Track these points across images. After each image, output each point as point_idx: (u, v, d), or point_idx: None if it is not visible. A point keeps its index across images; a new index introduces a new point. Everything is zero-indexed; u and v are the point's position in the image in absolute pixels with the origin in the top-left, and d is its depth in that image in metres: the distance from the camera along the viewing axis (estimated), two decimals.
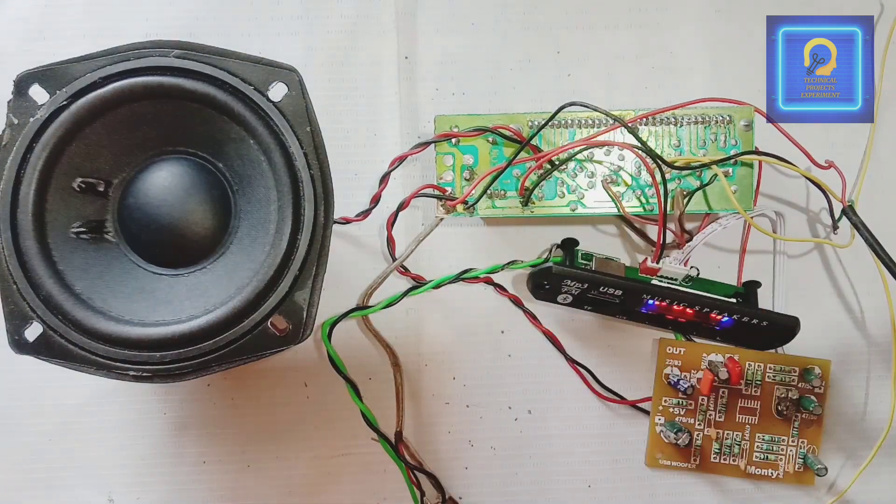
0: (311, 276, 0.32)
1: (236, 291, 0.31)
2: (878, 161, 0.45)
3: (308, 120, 0.32)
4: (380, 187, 0.42)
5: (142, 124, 0.32)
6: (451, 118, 0.41)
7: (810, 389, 0.43)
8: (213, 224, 0.33)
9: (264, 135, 0.31)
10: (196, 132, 0.33)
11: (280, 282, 0.31)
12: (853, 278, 0.45)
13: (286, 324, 0.31)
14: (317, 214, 0.32)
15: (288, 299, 0.31)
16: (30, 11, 0.43)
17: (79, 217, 0.32)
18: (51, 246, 0.31)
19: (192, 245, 0.33)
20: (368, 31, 0.44)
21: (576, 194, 0.42)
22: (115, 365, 0.31)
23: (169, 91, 0.31)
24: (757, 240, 0.45)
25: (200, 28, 0.44)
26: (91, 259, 0.32)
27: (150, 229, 0.32)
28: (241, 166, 0.33)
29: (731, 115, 0.42)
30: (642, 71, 0.45)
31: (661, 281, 0.41)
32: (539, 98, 0.45)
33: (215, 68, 0.32)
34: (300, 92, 0.32)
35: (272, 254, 0.31)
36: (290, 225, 0.31)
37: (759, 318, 0.40)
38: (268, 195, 0.32)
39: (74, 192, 0.32)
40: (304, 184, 0.31)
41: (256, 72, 0.32)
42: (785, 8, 0.46)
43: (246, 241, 0.33)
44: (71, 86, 0.31)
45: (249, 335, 0.31)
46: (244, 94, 0.32)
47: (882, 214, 0.44)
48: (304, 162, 0.32)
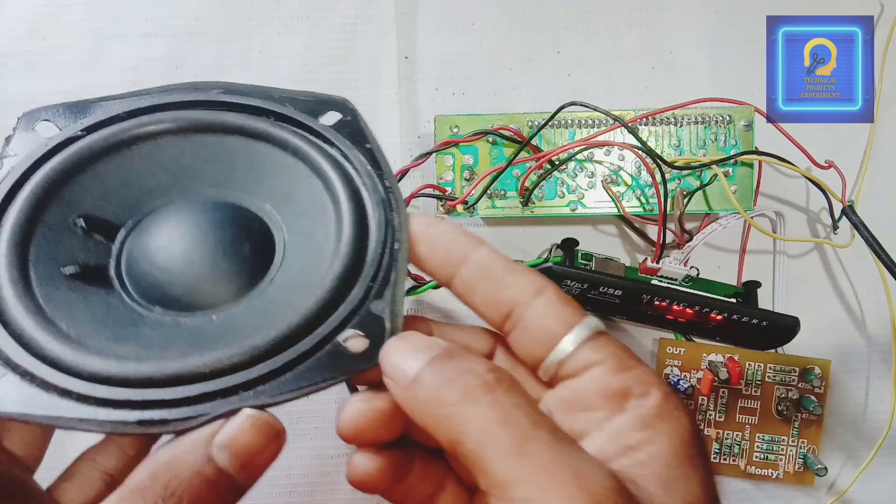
0: (391, 285, 0.25)
1: (290, 316, 0.24)
2: (878, 161, 0.45)
3: (366, 139, 0.28)
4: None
5: (165, 164, 0.28)
6: (451, 118, 0.41)
7: (810, 389, 0.43)
8: (246, 266, 0.27)
9: (314, 155, 0.27)
10: (229, 170, 0.28)
11: (348, 294, 0.25)
12: (853, 278, 0.45)
13: (363, 339, 0.24)
14: (388, 219, 0.26)
15: (362, 311, 0.24)
16: (30, 11, 0.43)
17: (75, 258, 0.26)
18: (32, 280, 0.25)
19: (222, 290, 0.26)
20: (368, 31, 0.44)
21: (576, 194, 0.42)
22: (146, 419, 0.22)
23: (201, 126, 0.28)
24: (757, 240, 0.45)
25: (200, 28, 0.44)
26: (83, 303, 0.26)
27: (165, 284, 0.26)
28: (286, 195, 0.28)
29: (731, 115, 0.42)
30: (642, 71, 0.45)
31: (661, 281, 0.41)
32: (539, 98, 0.45)
33: (256, 99, 0.28)
34: (355, 116, 0.29)
35: (333, 270, 0.25)
36: (352, 238, 0.25)
37: (759, 318, 0.40)
38: (324, 216, 0.27)
39: (74, 230, 0.26)
40: (370, 192, 0.27)
41: (304, 104, 0.29)
42: (785, 8, 0.46)
43: (295, 271, 0.27)
44: (90, 118, 0.27)
45: (316, 354, 0.24)
46: (290, 119, 0.28)
47: (882, 214, 0.44)
48: (367, 171, 0.27)
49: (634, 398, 0.23)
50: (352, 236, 0.25)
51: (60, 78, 0.43)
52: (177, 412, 0.22)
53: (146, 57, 0.44)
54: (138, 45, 0.43)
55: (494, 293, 0.24)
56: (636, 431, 0.22)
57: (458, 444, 0.21)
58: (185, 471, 0.21)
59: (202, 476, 0.21)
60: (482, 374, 0.22)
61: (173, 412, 0.22)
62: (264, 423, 0.22)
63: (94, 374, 0.22)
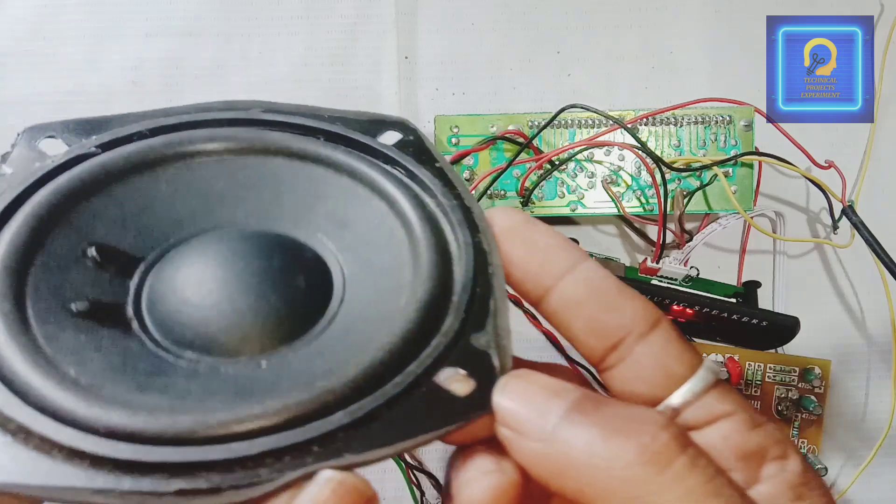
0: (492, 314, 0.20)
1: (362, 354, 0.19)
2: (878, 161, 0.45)
3: (434, 158, 0.24)
4: None
5: (196, 189, 0.23)
6: (451, 118, 0.41)
7: (810, 389, 0.43)
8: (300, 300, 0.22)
9: (376, 176, 0.23)
10: (276, 194, 0.24)
11: (441, 323, 0.20)
12: (853, 278, 0.45)
13: (470, 381, 0.19)
14: (475, 242, 0.21)
15: (461, 344, 0.19)
16: (30, 11, 0.43)
17: (80, 295, 0.21)
18: (29, 316, 0.19)
19: (272, 330, 0.21)
20: (368, 31, 0.44)
21: (576, 194, 0.42)
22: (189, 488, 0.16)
23: (249, 146, 0.23)
24: (757, 240, 0.45)
25: (200, 28, 0.44)
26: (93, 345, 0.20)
27: (196, 322, 0.21)
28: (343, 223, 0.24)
29: (731, 115, 0.42)
30: (642, 71, 0.45)
31: (661, 281, 0.41)
32: (539, 98, 0.45)
33: (304, 117, 0.24)
34: (417, 136, 0.25)
35: (417, 292, 0.20)
36: (434, 260, 0.21)
37: (759, 318, 0.40)
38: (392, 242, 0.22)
39: (82, 261, 0.22)
40: (448, 213, 0.22)
41: (357, 124, 0.25)
42: (785, 8, 0.46)
43: (360, 305, 0.22)
44: (104, 134, 0.23)
45: (409, 399, 0.18)
46: (345, 138, 0.24)
47: (882, 214, 0.44)
48: (441, 190, 0.23)
49: (773, 461, 0.19)
50: (433, 260, 0.21)
51: (60, 78, 0.43)
52: (231, 478, 0.16)
53: (146, 57, 0.44)
54: (138, 45, 0.43)
55: (602, 318, 0.20)
56: (790, 502, 0.18)
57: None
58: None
59: None
60: (664, 424, 0.17)
61: (226, 478, 0.16)
62: (351, 489, 0.16)
63: (115, 430, 0.17)
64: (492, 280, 0.21)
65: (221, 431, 0.17)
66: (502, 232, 0.21)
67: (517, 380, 0.18)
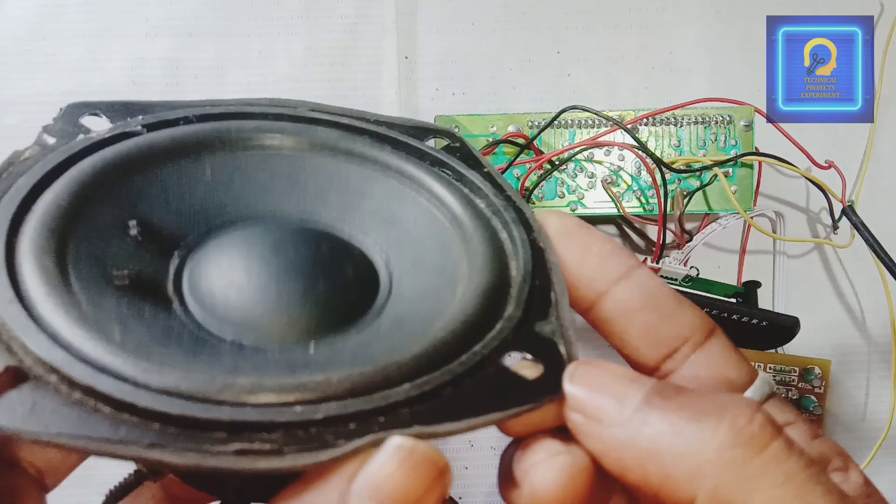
0: (554, 305, 0.20)
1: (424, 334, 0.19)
2: (878, 161, 0.45)
3: (481, 163, 0.24)
4: None
5: (240, 178, 0.23)
6: (451, 118, 0.41)
7: (810, 389, 0.43)
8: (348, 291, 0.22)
9: (426, 177, 0.23)
10: (322, 190, 0.24)
11: (502, 311, 0.20)
12: (853, 278, 0.45)
13: (538, 366, 0.18)
14: (531, 239, 0.22)
15: (527, 331, 0.19)
16: (30, 11, 0.43)
17: (121, 266, 0.20)
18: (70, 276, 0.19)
19: (318, 317, 0.21)
20: (368, 31, 0.44)
21: (576, 194, 0.42)
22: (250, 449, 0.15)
23: (297, 140, 0.23)
24: (757, 240, 0.45)
25: (200, 28, 0.44)
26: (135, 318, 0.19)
27: (242, 305, 0.20)
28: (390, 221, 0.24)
29: (731, 115, 0.42)
30: (642, 71, 0.45)
31: None
32: (539, 98, 0.45)
33: (351, 118, 0.25)
34: (463, 143, 0.25)
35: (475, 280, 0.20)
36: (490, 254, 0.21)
37: (759, 318, 0.40)
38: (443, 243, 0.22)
39: (128, 235, 0.21)
40: (498, 210, 0.22)
41: (404, 129, 0.25)
42: (785, 8, 0.45)
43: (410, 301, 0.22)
44: (150, 115, 0.23)
45: (478, 376, 0.18)
46: (395, 140, 0.24)
47: (882, 214, 0.44)
48: (491, 190, 0.23)
49: (836, 472, 0.18)
50: (488, 254, 0.20)
51: (60, 78, 0.43)
52: (295, 441, 0.15)
53: (146, 57, 0.44)
54: (138, 45, 0.43)
55: (659, 326, 0.19)
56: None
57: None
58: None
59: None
60: (754, 409, 0.16)
61: (290, 441, 0.15)
62: (422, 458, 0.15)
63: (168, 389, 0.16)
64: (550, 275, 0.21)
65: (283, 397, 0.16)
66: (556, 234, 0.21)
67: (588, 366, 0.18)
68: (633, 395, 0.17)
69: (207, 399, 0.16)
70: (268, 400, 0.16)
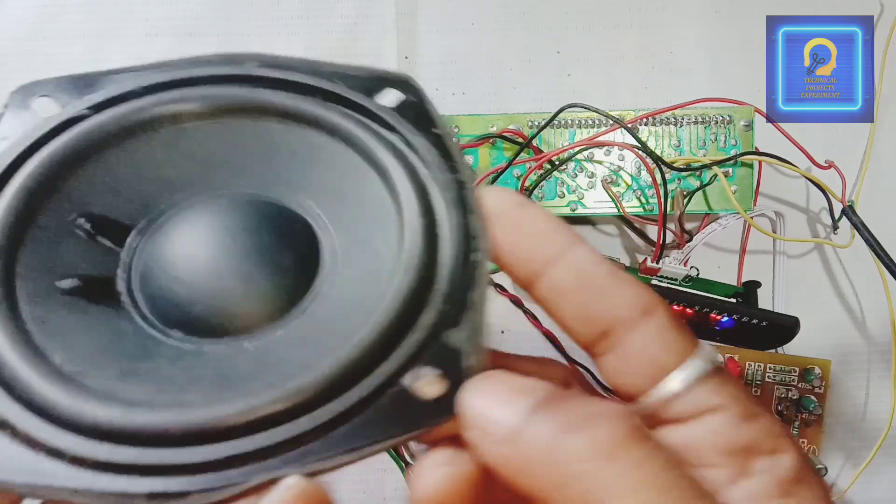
0: (471, 309, 0.19)
1: (338, 349, 0.19)
2: (878, 161, 0.45)
3: (433, 122, 0.23)
4: None
5: (189, 152, 0.23)
6: (451, 118, 0.41)
7: (810, 389, 0.43)
8: (287, 277, 0.22)
9: (372, 143, 0.22)
10: (266, 160, 0.23)
11: (418, 317, 0.19)
12: (853, 278, 0.45)
13: (441, 383, 0.18)
14: (465, 223, 0.20)
15: (436, 344, 0.19)
16: (30, 11, 0.43)
17: (73, 268, 0.21)
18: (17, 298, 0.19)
19: (256, 309, 0.21)
20: (368, 31, 0.44)
21: (576, 194, 0.42)
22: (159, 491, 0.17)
23: (237, 106, 0.23)
24: (757, 240, 0.45)
25: (200, 28, 0.44)
26: (82, 325, 0.20)
27: (184, 293, 0.21)
28: (336, 192, 0.23)
29: (731, 115, 0.42)
30: (642, 71, 0.45)
31: (661, 281, 0.41)
32: (539, 98, 0.45)
33: (301, 74, 0.24)
34: (419, 96, 0.23)
35: (394, 288, 0.19)
36: (421, 249, 0.20)
37: (759, 318, 0.40)
38: (381, 219, 0.22)
39: (73, 233, 0.21)
40: (438, 193, 0.21)
41: (358, 81, 0.24)
42: (785, 8, 0.46)
43: (346, 286, 0.22)
44: (96, 94, 0.22)
45: (378, 401, 0.18)
46: (343, 98, 0.23)
47: (882, 214, 0.44)
48: (437, 166, 0.22)
49: (764, 456, 0.18)
50: (419, 246, 0.20)
51: None
52: (200, 481, 0.16)
53: (146, 57, 0.43)
54: (138, 45, 0.43)
55: (592, 306, 0.19)
56: (774, 499, 0.18)
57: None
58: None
59: None
60: (619, 419, 0.17)
61: (195, 481, 0.16)
62: (313, 495, 0.16)
63: (95, 427, 0.17)
64: (475, 271, 0.20)
65: (195, 433, 0.17)
66: (491, 214, 0.20)
67: (485, 381, 0.18)
68: (519, 408, 0.17)
69: (130, 438, 0.17)
70: (182, 436, 0.17)
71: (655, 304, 0.19)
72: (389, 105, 0.23)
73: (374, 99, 0.23)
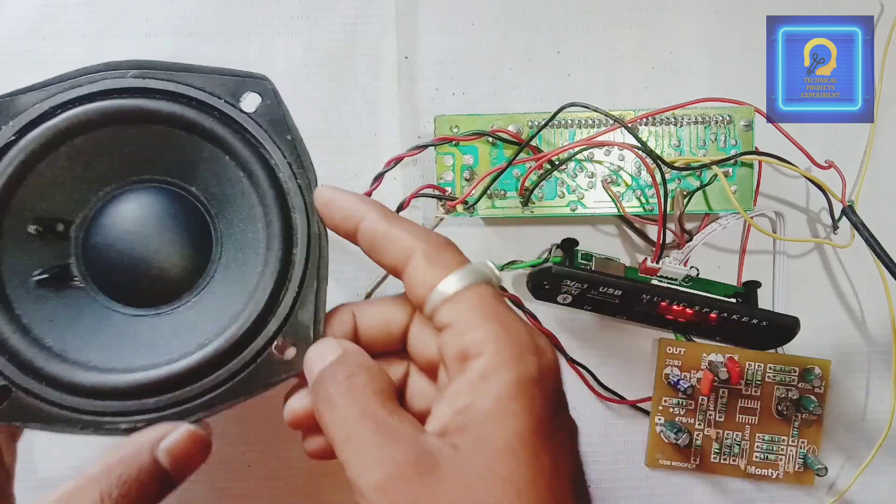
0: (314, 292, 0.28)
1: (231, 320, 0.28)
2: (878, 161, 0.45)
3: (287, 128, 0.29)
4: (371, 186, 0.42)
5: (102, 154, 0.29)
6: (451, 118, 0.41)
7: (810, 389, 0.43)
8: (190, 255, 0.30)
9: (240, 149, 0.29)
10: (164, 157, 0.30)
11: (279, 303, 0.28)
12: (853, 278, 0.45)
13: (293, 347, 0.28)
14: (310, 225, 0.29)
15: (291, 320, 0.28)
16: (30, 11, 0.43)
17: (39, 263, 0.29)
18: (11, 298, 0.28)
19: (171, 280, 0.29)
20: (368, 31, 0.44)
21: (576, 194, 0.42)
22: (102, 421, 0.27)
23: (129, 115, 0.29)
24: (757, 240, 0.45)
25: (200, 28, 0.44)
26: (59, 308, 0.29)
27: (120, 269, 0.29)
28: (217, 187, 0.30)
29: (731, 115, 0.42)
30: (642, 71, 0.45)
31: (661, 281, 0.41)
32: (539, 98, 0.45)
33: (177, 84, 0.29)
34: (275, 100, 0.29)
35: (265, 274, 0.28)
36: (281, 241, 0.28)
37: (759, 318, 0.40)
38: (252, 213, 0.29)
39: (31, 236, 0.29)
40: (292, 195, 0.29)
41: (224, 84, 0.30)
42: (785, 8, 0.46)
43: (233, 266, 0.30)
44: (18, 119, 0.28)
45: (253, 365, 0.28)
46: (213, 108, 0.29)
47: (882, 214, 0.44)
48: (290, 172, 0.29)
49: (472, 359, 0.24)
50: (279, 248, 0.28)
51: None
52: (131, 419, 0.27)
53: (146, 57, 0.43)
54: (138, 45, 0.43)
55: (379, 258, 0.28)
56: (463, 395, 0.24)
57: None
58: (133, 466, 0.25)
59: (147, 471, 0.26)
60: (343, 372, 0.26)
61: (128, 419, 0.27)
62: (199, 437, 0.27)
63: (85, 388, 0.27)
64: (320, 262, 0.29)
65: (145, 388, 0.27)
66: (320, 209, 0.29)
67: (314, 347, 0.28)
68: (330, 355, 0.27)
69: (108, 394, 0.27)
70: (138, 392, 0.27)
71: (414, 249, 0.27)
72: (251, 109, 0.29)
73: (240, 103, 0.29)
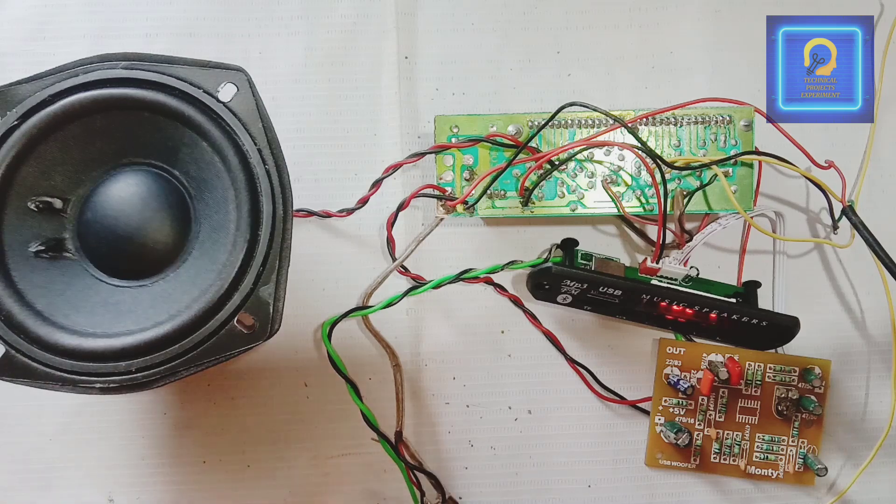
0: (275, 271, 0.31)
1: (200, 294, 0.31)
2: (878, 161, 0.45)
3: (259, 117, 0.32)
4: (370, 191, 0.42)
5: (95, 139, 0.32)
6: (451, 118, 0.41)
7: (810, 389, 0.43)
8: (172, 232, 0.33)
9: (216, 135, 0.32)
10: (150, 141, 0.33)
11: (243, 279, 0.31)
12: (853, 278, 0.45)
13: (253, 321, 0.31)
14: (275, 209, 0.32)
15: (253, 296, 0.31)
16: (30, 11, 0.43)
17: (37, 236, 0.32)
18: (10, 266, 0.31)
19: (153, 255, 0.33)
20: (368, 31, 0.44)
21: (576, 194, 0.42)
22: (79, 379, 0.30)
23: (119, 102, 0.32)
24: (757, 240, 0.45)
25: (200, 28, 0.44)
26: (52, 277, 0.32)
27: (109, 243, 0.32)
28: (196, 171, 0.33)
29: (731, 115, 0.42)
30: (642, 71, 0.45)
31: (661, 281, 0.41)
32: (539, 98, 0.45)
33: (162, 75, 0.32)
34: (249, 91, 0.33)
35: (234, 252, 0.31)
36: (248, 222, 0.31)
37: (759, 318, 0.40)
38: (225, 196, 0.32)
39: (31, 211, 0.32)
40: (260, 179, 0.32)
41: (205, 75, 0.32)
42: (785, 8, 0.46)
43: (208, 244, 0.33)
44: (21, 105, 0.31)
45: (216, 336, 0.31)
46: (193, 98, 0.32)
47: (882, 214, 0.44)
48: (259, 158, 0.32)
49: None
50: (247, 229, 0.31)
51: None
52: (105, 380, 0.31)
53: None
54: (138, 45, 0.43)
55: None
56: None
57: None
58: None
59: None
60: None
61: (102, 380, 0.31)
62: None
63: (65, 349, 0.30)
64: (283, 243, 0.32)
65: (118, 352, 0.30)
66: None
67: None
68: None
69: (86, 356, 0.30)
70: (112, 356, 0.30)
71: None
72: (227, 98, 0.32)
73: (218, 93, 0.32)
